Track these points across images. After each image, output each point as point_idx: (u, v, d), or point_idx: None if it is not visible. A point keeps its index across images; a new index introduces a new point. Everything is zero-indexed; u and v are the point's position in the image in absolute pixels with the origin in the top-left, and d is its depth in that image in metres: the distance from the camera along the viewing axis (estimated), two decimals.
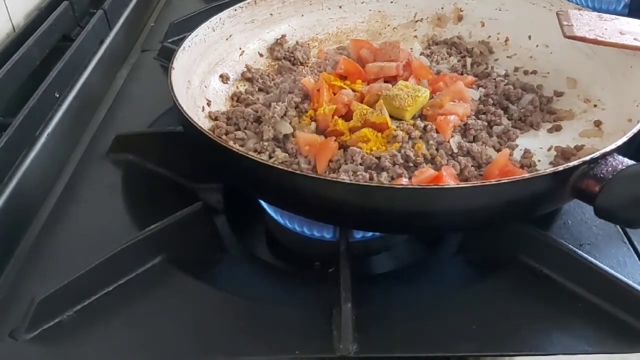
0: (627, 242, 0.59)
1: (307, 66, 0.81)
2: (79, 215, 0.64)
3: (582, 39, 0.69)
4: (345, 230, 0.58)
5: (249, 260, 0.63)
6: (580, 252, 0.54)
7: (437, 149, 0.63)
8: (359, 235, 0.61)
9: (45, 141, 0.71)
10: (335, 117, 0.66)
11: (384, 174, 0.59)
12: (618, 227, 0.60)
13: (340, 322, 0.49)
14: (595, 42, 0.68)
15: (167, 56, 0.88)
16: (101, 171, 0.71)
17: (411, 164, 0.61)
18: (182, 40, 0.72)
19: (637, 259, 0.57)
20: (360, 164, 0.61)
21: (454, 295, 0.55)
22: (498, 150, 0.65)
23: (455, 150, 0.63)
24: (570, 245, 0.55)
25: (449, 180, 0.58)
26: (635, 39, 0.67)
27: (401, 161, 0.61)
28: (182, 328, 0.52)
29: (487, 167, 0.61)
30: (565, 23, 0.71)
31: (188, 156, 0.65)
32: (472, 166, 0.62)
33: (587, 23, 0.71)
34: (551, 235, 0.58)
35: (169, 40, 0.93)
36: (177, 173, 0.69)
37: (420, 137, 0.64)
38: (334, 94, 0.69)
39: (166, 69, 0.66)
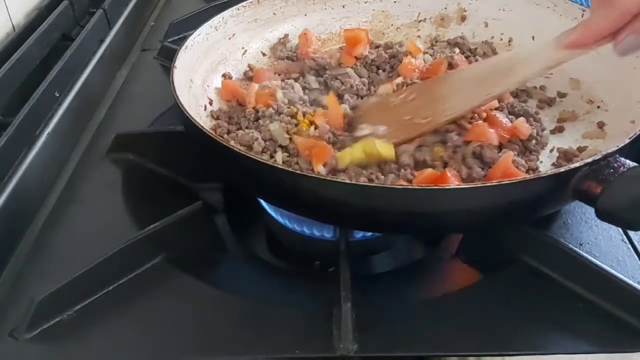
0: (627, 241, 0.59)
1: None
2: (79, 215, 0.64)
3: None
4: (345, 229, 0.58)
5: (248, 260, 0.63)
6: (580, 251, 0.54)
7: (454, 151, 0.62)
8: (358, 234, 0.61)
9: (45, 140, 0.71)
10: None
11: (391, 175, 0.59)
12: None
13: (340, 322, 0.49)
14: None
15: (167, 56, 0.88)
16: (101, 171, 0.71)
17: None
18: (182, 39, 0.72)
19: (637, 258, 0.57)
20: None
21: (454, 295, 0.55)
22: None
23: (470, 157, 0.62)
24: (570, 245, 0.55)
25: (454, 180, 0.57)
26: None
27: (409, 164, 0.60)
28: (182, 327, 0.52)
29: (490, 169, 0.61)
30: None
31: (188, 155, 0.65)
32: (478, 167, 0.61)
33: None
34: (551, 235, 0.58)
35: (169, 40, 0.93)
36: (177, 172, 0.69)
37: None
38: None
39: (166, 69, 0.66)
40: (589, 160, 0.51)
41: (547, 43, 0.58)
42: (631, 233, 0.60)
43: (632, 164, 0.50)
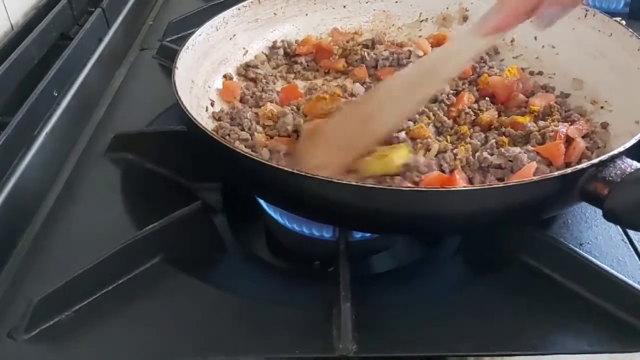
0: (627, 241, 0.59)
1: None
2: (78, 215, 0.64)
3: None
4: (345, 229, 0.58)
5: (248, 260, 0.63)
6: (580, 251, 0.54)
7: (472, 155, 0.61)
8: (358, 234, 0.61)
9: (44, 140, 0.70)
10: None
11: (397, 177, 0.59)
12: (618, 226, 0.60)
13: (340, 322, 0.49)
14: None
15: (165, 55, 0.88)
16: (100, 170, 0.70)
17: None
18: (181, 39, 0.72)
19: (637, 258, 0.57)
20: None
21: (454, 295, 0.55)
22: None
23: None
24: (570, 245, 0.55)
25: (462, 183, 0.57)
26: None
27: (425, 170, 0.59)
28: (181, 328, 0.52)
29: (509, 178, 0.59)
30: None
31: (187, 155, 0.65)
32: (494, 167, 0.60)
33: None
34: (551, 235, 0.58)
35: (168, 39, 0.93)
36: (176, 172, 0.69)
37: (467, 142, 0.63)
38: None
39: (165, 68, 0.66)
40: (596, 161, 0.50)
41: (467, 33, 0.59)
42: (631, 233, 0.60)
43: (638, 165, 0.50)
